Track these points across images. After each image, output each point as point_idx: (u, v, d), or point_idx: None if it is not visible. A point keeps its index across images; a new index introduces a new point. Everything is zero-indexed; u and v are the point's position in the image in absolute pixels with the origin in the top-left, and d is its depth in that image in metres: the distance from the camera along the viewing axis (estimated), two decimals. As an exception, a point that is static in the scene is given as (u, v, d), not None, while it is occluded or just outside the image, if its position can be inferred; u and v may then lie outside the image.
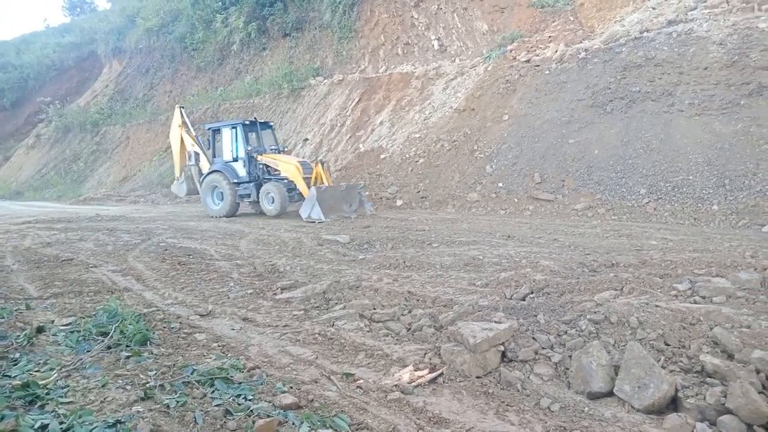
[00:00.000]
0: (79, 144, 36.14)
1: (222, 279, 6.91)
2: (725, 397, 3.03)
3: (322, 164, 14.50)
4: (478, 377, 3.67)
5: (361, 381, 3.63)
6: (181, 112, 17.12)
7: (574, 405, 3.28)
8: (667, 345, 3.70)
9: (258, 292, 6.23)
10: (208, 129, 16.47)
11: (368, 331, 4.72)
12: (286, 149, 16.88)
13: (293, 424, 2.93)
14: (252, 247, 9.50)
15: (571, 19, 18.77)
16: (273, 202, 14.47)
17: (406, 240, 9.34)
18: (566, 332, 4.06)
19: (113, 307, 4.81)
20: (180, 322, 4.96)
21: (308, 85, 25.24)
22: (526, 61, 17.21)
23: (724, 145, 11.60)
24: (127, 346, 4.09)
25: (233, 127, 15.62)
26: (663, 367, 3.42)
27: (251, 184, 15.16)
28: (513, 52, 18.10)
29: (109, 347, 4.04)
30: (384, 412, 3.19)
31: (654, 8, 15.95)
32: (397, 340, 4.50)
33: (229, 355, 4.12)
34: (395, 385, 3.54)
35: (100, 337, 4.25)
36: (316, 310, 5.42)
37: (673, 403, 3.20)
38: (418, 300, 5.50)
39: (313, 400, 3.30)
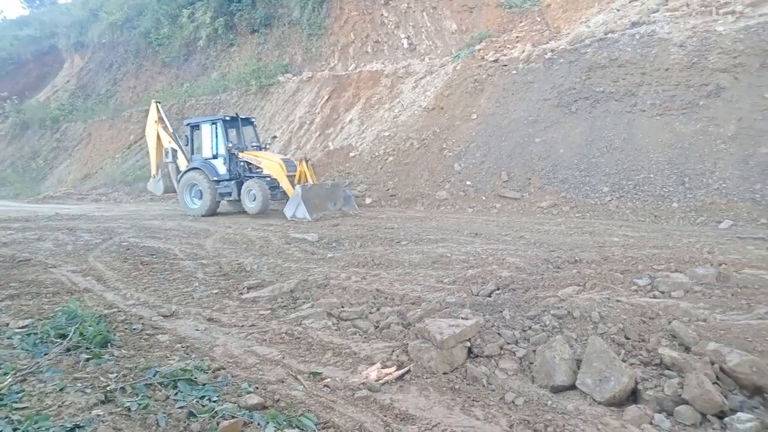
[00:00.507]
0: (38, 141, 34.94)
1: (186, 279, 6.79)
2: (682, 388, 3.14)
3: (307, 162, 14.07)
4: (444, 373, 3.71)
5: (329, 380, 3.63)
6: (157, 107, 16.40)
7: (537, 399, 3.34)
8: (628, 339, 3.80)
9: (224, 291, 6.14)
10: (187, 125, 15.85)
11: (336, 330, 4.71)
12: (267, 146, 16.37)
13: (258, 424, 2.90)
14: (218, 246, 9.36)
15: (538, 19, 19.06)
16: (254, 200, 13.95)
17: (375, 238, 9.35)
18: (531, 327, 4.13)
19: (72, 309, 4.67)
20: (142, 323, 4.86)
21: (277, 82, 24.97)
22: (494, 60, 17.39)
23: (684, 144, 11.95)
24: (86, 348, 3.98)
25: (213, 123, 15.07)
26: (623, 361, 3.52)
27: (232, 182, 14.65)
28: (481, 51, 18.27)
29: (68, 350, 3.93)
30: (351, 410, 3.19)
31: (618, 10, 16.31)
32: (365, 338, 4.50)
33: (193, 356, 4.05)
34: (362, 383, 3.54)
35: (58, 340, 4.12)
36: (284, 309, 5.38)
37: (633, 395, 3.29)
38: (386, 298, 5.51)
39: (279, 399, 3.27)
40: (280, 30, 26.66)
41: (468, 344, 3.95)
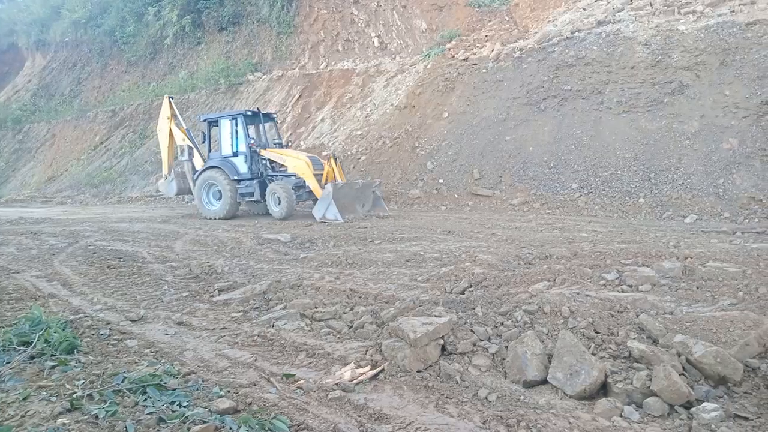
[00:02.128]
0: (-1, 142, 33.88)
1: (155, 282, 6.65)
2: (650, 380, 3.20)
3: (335, 159, 13.26)
4: (418, 371, 3.71)
5: (302, 381, 3.59)
6: (170, 102, 15.57)
7: (510, 394, 3.37)
8: (597, 332, 3.87)
9: (194, 294, 6.04)
10: (204, 120, 15.02)
11: (309, 331, 4.67)
12: (290, 144, 15.46)
13: (230, 428, 2.85)
14: (188, 248, 9.20)
15: (507, 18, 19.27)
16: (279, 204, 12.97)
17: (349, 237, 9.32)
18: (503, 323, 4.17)
19: (37, 315, 4.52)
20: (110, 329, 4.74)
21: (246, 80, 24.71)
22: (464, 59, 17.52)
23: (650, 141, 12.25)
24: (52, 355, 3.86)
25: (233, 119, 14.19)
26: (593, 354, 3.57)
27: (254, 181, 13.68)
28: (451, 50, 18.39)
29: (32, 357, 3.80)
30: (325, 411, 3.17)
31: (584, 9, 16.61)
32: (338, 338, 4.47)
33: (163, 360, 3.97)
34: (336, 384, 3.52)
35: (21, 347, 3.99)
36: (256, 311, 5.32)
37: (603, 389, 3.34)
38: (360, 297, 5.50)
39: (251, 403, 3.22)
40: (248, 28, 26.37)
41: (441, 342, 3.96)
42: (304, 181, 13.04)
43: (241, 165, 13.97)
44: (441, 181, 14.61)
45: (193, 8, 27.21)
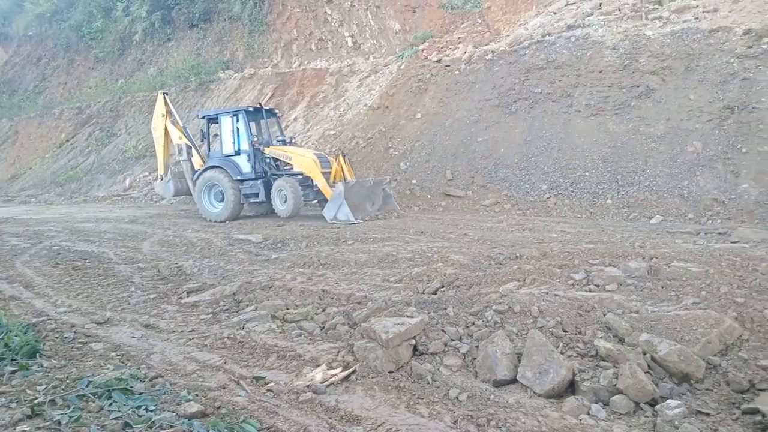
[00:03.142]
0: (-43, 139, 32.66)
1: (122, 284, 6.52)
2: (616, 378, 3.27)
3: (344, 156, 12.64)
4: (390, 372, 3.71)
5: (272, 384, 3.56)
6: (165, 98, 14.74)
7: (480, 393, 3.40)
8: (565, 332, 3.93)
9: (162, 296, 5.93)
10: (203, 117, 14.34)
11: (280, 332, 4.64)
12: (293, 140, 14.73)
13: (198, 432, 2.81)
14: (156, 248, 9.02)
15: (479, 21, 19.45)
16: (286, 202, 12.34)
17: (321, 238, 9.28)
18: (474, 323, 4.20)
19: (-4, 318, 4.38)
20: (74, 332, 4.63)
21: (217, 78, 24.36)
22: (437, 61, 17.62)
23: (617, 143, 12.51)
24: (12, 359, 3.74)
25: (234, 115, 13.46)
26: (561, 353, 3.63)
27: (258, 181, 13.01)
28: (425, 51, 18.47)
29: (-10, 363, 3.68)
30: (295, 413, 3.14)
31: (555, 13, 16.87)
32: (310, 339, 4.45)
33: (129, 364, 3.89)
34: (307, 386, 3.50)
35: (-21, 353, 3.86)
36: (226, 313, 5.25)
37: (571, 387, 3.40)
38: (332, 298, 5.48)
39: (220, 406, 3.18)
40: (220, 25, 26.01)
41: (413, 342, 3.97)
42: (311, 180, 12.51)
43: (244, 164, 13.31)
44: (414, 181, 14.65)
45: (163, 4, 26.68)
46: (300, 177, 12.61)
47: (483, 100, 15.38)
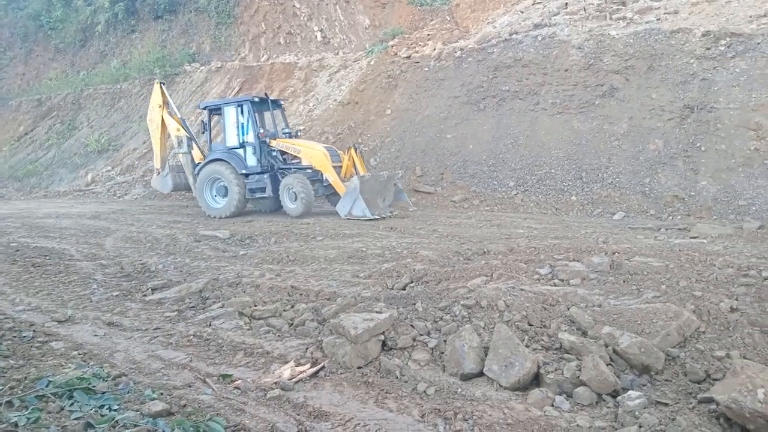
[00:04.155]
0: None
1: (84, 281, 6.34)
2: (580, 370, 3.34)
3: (356, 149, 12.12)
4: (359, 368, 3.72)
5: (239, 381, 3.52)
6: (162, 88, 13.94)
7: (448, 387, 3.43)
8: (531, 325, 4.00)
9: (125, 293, 5.80)
10: (204, 108, 13.70)
11: (248, 329, 4.59)
12: (299, 133, 14.11)
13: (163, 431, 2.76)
14: (119, 245, 8.81)
15: (448, 18, 19.56)
16: (295, 199, 11.77)
17: (290, 234, 9.21)
18: (442, 318, 4.24)
19: (-52, 318, 4.22)
20: (33, 330, 4.49)
21: (183, 71, 23.90)
22: (406, 57, 17.66)
23: (582, 141, 12.77)
24: (-35, 361, 3.61)
25: (239, 105, 12.80)
26: (527, 346, 3.70)
27: (264, 175, 12.41)
28: (394, 47, 18.49)
29: (-58, 364, 3.54)
30: (263, 411, 3.12)
31: (522, 12, 17.09)
32: (278, 336, 4.42)
33: (91, 363, 3.80)
34: (275, 383, 3.48)
35: (-70, 354, 3.71)
36: (192, 310, 5.17)
37: (536, 379, 3.46)
38: (301, 294, 5.45)
39: (185, 405, 3.13)
40: (186, 17, 25.51)
41: (382, 338, 3.99)
42: (321, 174, 12.01)
43: (249, 157, 12.68)
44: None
45: (127, -6, 26.03)
46: (309, 171, 12.13)
47: (452, 97, 15.49)
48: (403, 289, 5.29)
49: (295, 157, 12.42)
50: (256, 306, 5.08)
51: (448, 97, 15.56)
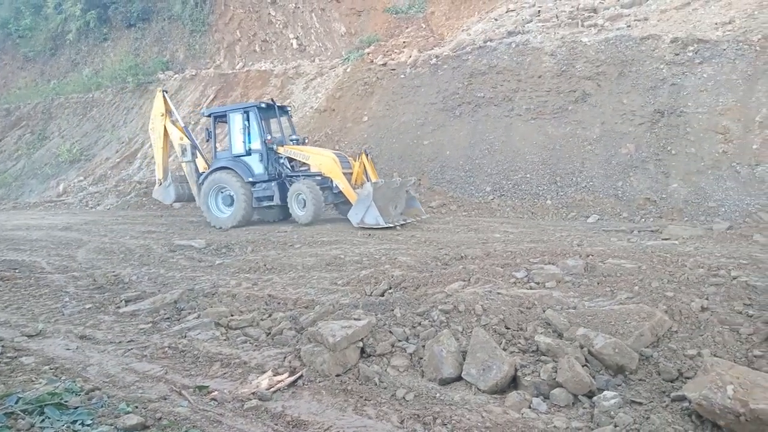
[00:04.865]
0: None
1: (55, 294, 6.20)
2: (556, 372, 3.38)
3: (367, 155, 11.65)
4: (338, 375, 3.70)
5: (216, 393, 3.48)
6: (164, 96, 13.61)
7: (427, 392, 3.44)
8: (508, 328, 4.04)
9: (98, 306, 5.68)
10: (209, 116, 13.29)
11: (225, 340, 4.53)
12: (306, 140, 13.70)
13: (138, 445, 2.72)
14: (92, 256, 8.63)
15: (423, 26, 19.73)
16: (305, 206, 11.44)
17: (268, 242, 9.14)
18: (420, 323, 4.25)
19: None
20: (2, 346, 4.37)
21: (157, 79, 23.63)
22: (383, 64, 17.75)
23: (556, 146, 12.96)
24: (-70, 379, 3.50)
25: (245, 112, 12.42)
26: (504, 350, 3.73)
27: (272, 183, 12.05)
28: (370, 55, 18.57)
29: None
30: (240, 422, 3.09)
31: (496, 20, 17.33)
32: (255, 346, 4.37)
33: (64, 378, 3.71)
34: (253, 393, 3.44)
35: None
36: (167, 321, 5.08)
37: (514, 382, 3.49)
38: (278, 303, 5.41)
39: (161, 418, 3.08)
40: (159, 25, 25.28)
41: (361, 344, 3.98)
42: (330, 181, 11.70)
43: (256, 165, 12.29)
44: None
45: (98, 3, 25.65)
46: (319, 178, 11.79)
47: (428, 104, 15.60)
48: (382, 295, 5.29)
49: (304, 164, 12.11)
50: (232, 316, 5.03)
51: (425, 104, 15.67)
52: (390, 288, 5.48)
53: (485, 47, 15.72)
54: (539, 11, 16.55)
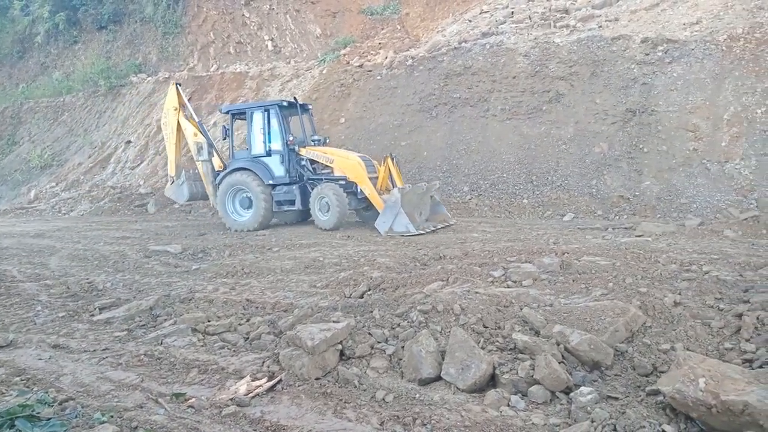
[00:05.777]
0: None
1: (27, 302, 6.05)
2: (533, 369, 3.42)
3: (392, 159, 10.95)
4: (317, 379, 3.69)
5: (194, 400, 3.43)
6: (178, 90, 12.89)
7: (406, 393, 3.45)
8: (486, 327, 4.07)
9: (72, 314, 5.56)
10: (227, 112, 12.77)
11: (202, 346, 4.48)
12: (328, 141, 12.92)
13: (113, 456, 2.66)
14: (65, 264, 8.45)
15: (399, 27, 19.78)
16: (328, 210, 10.84)
17: (245, 246, 9.05)
18: (399, 324, 4.26)
19: None
20: (-30, 358, 4.24)
21: (129, 82, 23.28)
22: (359, 66, 17.74)
23: (531, 145, 13.11)
24: None
25: (266, 110, 11.81)
26: (482, 348, 3.76)
27: (293, 186, 11.53)
28: (346, 56, 18.55)
29: None
30: (218, 429, 3.05)
31: (470, 21, 17.47)
32: (233, 351, 4.33)
33: (36, 388, 3.63)
34: (231, 399, 3.40)
35: None
36: (142, 328, 5.00)
37: (492, 380, 3.52)
38: (257, 307, 5.37)
39: (137, 427, 3.03)
40: (131, 27, 24.90)
41: (340, 347, 3.97)
42: (355, 186, 11.02)
43: (276, 167, 11.72)
44: (339, 186, 14.62)
45: (67, 4, 25.14)
46: (342, 182, 11.11)
47: (405, 105, 15.64)
48: (361, 297, 5.28)
49: (326, 166, 11.61)
50: (209, 321, 4.97)
51: (401, 105, 15.71)
52: (369, 289, 5.48)
53: (460, 48, 15.83)
54: (512, 12, 16.73)
